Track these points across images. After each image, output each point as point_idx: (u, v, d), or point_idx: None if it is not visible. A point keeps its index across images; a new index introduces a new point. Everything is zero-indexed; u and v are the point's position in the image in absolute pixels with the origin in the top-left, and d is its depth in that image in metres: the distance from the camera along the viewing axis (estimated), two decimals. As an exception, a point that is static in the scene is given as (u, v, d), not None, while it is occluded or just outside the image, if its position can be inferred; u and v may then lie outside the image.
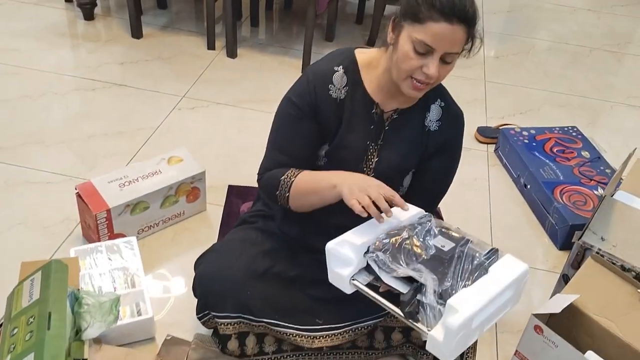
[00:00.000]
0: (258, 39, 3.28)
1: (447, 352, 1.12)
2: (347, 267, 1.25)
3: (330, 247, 1.26)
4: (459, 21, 1.21)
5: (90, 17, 3.21)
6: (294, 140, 1.41)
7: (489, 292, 1.15)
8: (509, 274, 1.20)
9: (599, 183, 2.23)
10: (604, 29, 3.88)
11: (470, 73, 3.16)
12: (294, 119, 1.39)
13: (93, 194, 1.82)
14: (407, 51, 1.25)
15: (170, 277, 1.84)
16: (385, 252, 1.22)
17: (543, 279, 1.98)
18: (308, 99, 1.37)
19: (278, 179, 1.38)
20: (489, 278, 1.18)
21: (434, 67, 1.24)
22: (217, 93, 2.74)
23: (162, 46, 3.06)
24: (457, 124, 1.49)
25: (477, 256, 1.21)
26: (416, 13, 1.22)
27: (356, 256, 1.24)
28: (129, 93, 2.67)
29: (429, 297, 1.14)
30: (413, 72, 1.26)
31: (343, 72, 1.38)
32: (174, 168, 1.96)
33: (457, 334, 1.09)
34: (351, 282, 1.26)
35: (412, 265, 1.19)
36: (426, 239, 1.26)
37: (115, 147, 2.33)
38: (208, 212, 2.08)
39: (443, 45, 1.23)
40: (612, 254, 1.61)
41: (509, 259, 1.24)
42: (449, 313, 1.10)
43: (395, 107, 1.41)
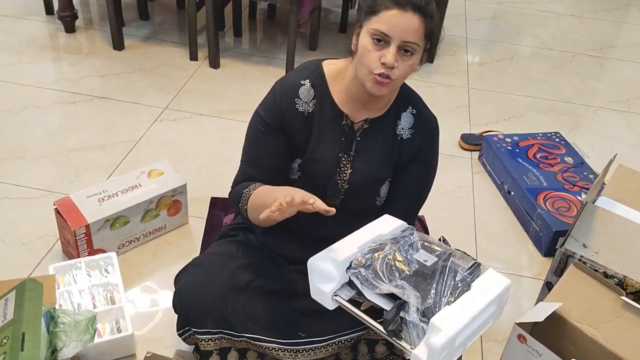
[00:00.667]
0: (241, 49, 3.27)
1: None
2: (329, 282, 1.24)
3: (312, 263, 1.25)
4: (412, 9, 1.24)
5: (71, 30, 3.19)
6: (262, 154, 1.42)
7: (472, 309, 1.14)
8: (492, 289, 1.19)
9: (582, 189, 2.23)
10: (587, 34, 3.91)
11: (454, 80, 3.16)
12: (262, 134, 1.41)
13: (72, 210, 1.80)
14: (365, 44, 1.27)
15: (152, 292, 1.81)
16: (367, 268, 1.21)
17: (528, 286, 1.97)
18: (275, 114, 1.39)
19: (241, 192, 1.41)
20: (471, 294, 1.17)
21: (390, 55, 1.24)
22: (200, 104, 2.73)
23: (144, 58, 3.04)
24: (430, 131, 1.48)
25: (460, 271, 1.20)
26: (372, 6, 1.26)
27: (338, 272, 1.23)
28: (110, 105, 2.65)
29: (412, 315, 1.14)
30: (373, 65, 1.26)
31: (310, 86, 1.39)
32: (154, 181, 1.94)
33: (441, 353, 1.08)
34: (333, 298, 1.25)
35: (394, 282, 1.18)
36: (409, 253, 1.25)
37: (97, 161, 2.31)
38: (190, 225, 2.06)
39: (397, 32, 1.24)
40: (594, 261, 1.61)
41: (491, 274, 1.23)
42: (432, 332, 1.09)
43: (365, 117, 1.41)
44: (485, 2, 4.23)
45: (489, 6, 4.18)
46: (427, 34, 1.28)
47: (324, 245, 1.51)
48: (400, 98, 1.40)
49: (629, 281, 1.58)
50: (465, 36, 3.68)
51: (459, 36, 3.67)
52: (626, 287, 1.58)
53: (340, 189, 1.45)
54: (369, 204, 1.50)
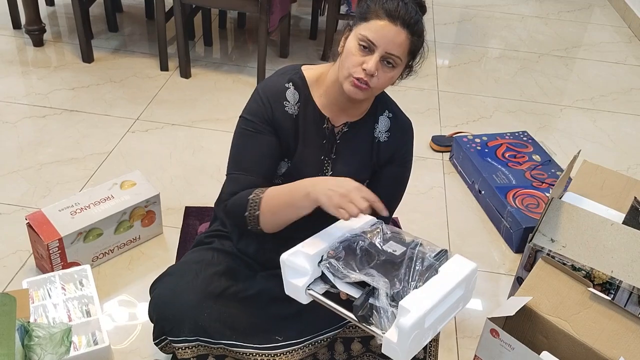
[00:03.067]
0: (212, 58, 3.28)
1: (402, 353, 1.13)
2: (302, 277, 1.25)
3: (284, 259, 1.26)
4: (402, 24, 1.27)
5: (39, 44, 3.16)
6: (256, 156, 1.38)
7: (440, 291, 1.17)
8: (458, 272, 1.22)
9: (550, 185, 2.28)
10: (552, 35, 3.99)
11: (424, 83, 3.21)
12: (252, 136, 1.38)
13: (44, 223, 1.79)
14: (351, 48, 1.30)
15: (127, 304, 1.81)
16: (338, 260, 1.23)
17: (501, 282, 2.01)
18: (265, 115, 1.38)
19: (245, 199, 1.34)
20: (439, 278, 1.20)
21: (372, 63, 1.28)
22: (172, 114, 2.73)
23: (114, 69, 3.04)
24: (405, 134, 1.52)
25: (427, 257, 1.23)
26: (365, 13, 1.30)
27: (311, 266, 1.25)
28: (81, 118, 2.64)
29: (381, 300, 1.16)
30: (354, 69, 1.29)
31: (294, 89, 1.40)
32: (127, 192, 1.94)
33: (411, 333, 1.10)
34: (307, 292, 1.26)
35: (364, 271, 1.21)
36: (378, 245, 1.27)
37: (68, 174, 2.30)
38: (165, 235, 2.06)
39: (383, 42, 1.27)
40: (562, 255, 1.65)
41: (458, 259, 1.27)
42: (402, 314, 1.11)
43: (345, 121, 1.44)
44: (453, 6, 4.29)
45: (456, 10, 4.25)
46: (411, 50, 1.32)
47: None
48: (377, 102, 1.44)
49: (596, 273, 1.62)
50: (434, 40, 3.74)
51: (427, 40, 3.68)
52: (594, 279, 1.62)
53: None
54: None
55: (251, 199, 1.33)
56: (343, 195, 1.21)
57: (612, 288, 1.61)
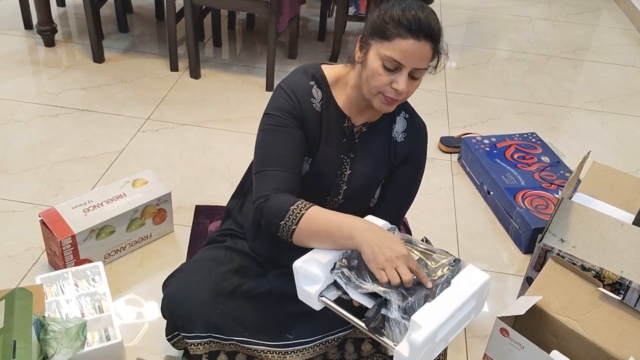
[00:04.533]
0: (221, 59, 3.30)
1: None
2: (314, 284, 1.26)
3: (297, 266, 1.27)
4: (425, 38, 1.25)
5: (51, 44, 3.19)
6: (289, 151, 1.35)
7: (452, 305, 1.17)
8: (471, 285, 1.22)
9: (559, 187, 2.28)
10: (560, 37, 3.99)
11: (432, 85, 3.22)
12: (282, 131, 1.35)
13: (57, 220, 1.81)
14: (376, 68, 1.28)
15: (139, 300, 1.83)
16: (351, 269, 1.24)
17: (510, 283, 2.02)
18: (293, 111, 1.37)
19: (286, 208, 1.27)
20: (451, 290, 1.20)
21: (403, 83, 1.28)
22: (182, 114, 2.75)
23: (124, 70, 3.06)
24: (421, 135, 1.53)
25: (440, 268, 1.24)
26: (384, 31, 1.26)
27: (323, 273, 1.25)
28: (92, 118, 2.66)
29: (393, 312, 1.16)
30: (383, 88, 1.30)
31: (317, 87, 1.41)
32: (139, 191, 1.95)
33: (422, 349, 1.11)
34: (319, 299, 1.27)
35: (377, 281, 1.21)
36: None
37: (80, 173, 2.32)
38: (175, 233, 2.08)
39: (411, 61, 1.26)
40: (572, 255, 1.65)
41: (470, 270, 1.26)
42: (413, 329, 1.12)
43: (364, 121, 1.46)
44: (461, 8, 4.30)
45: (465, 12, 4.26)
46: (435, 55, 1.32)
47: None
48: None
49: (606, 273, 1.63)
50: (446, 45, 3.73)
51: (435, 42, 3.72)
52: (603, 279, 1.63)
53: (339, 191, 1.49)
54: (365, 205, 1.54)
55: (292, 210, 1.27)
56: (390, 260, 1.18)
57: (622, 288, 1.62)
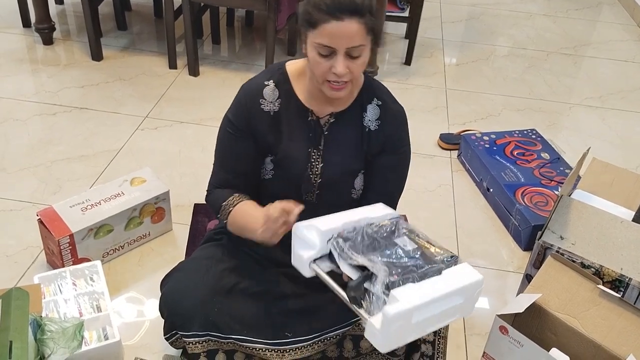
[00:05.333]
0: (220, 56, 3.29)
1: (382, 340, 1.12)
2: (309, 250, 1.25)
3: (296, 228, 1.26)
4: (349, 15, 1.23)
5: (49, 42, 3.18)
6: (233, 158, 1.47)
7: (435, 292, 1.15)
8: (460, 280, 1.20)
9: (559, 183, 2.27)
10: (560, 33, 3.98)
11: (432, 82, 3.21)
12: (232, 138, 1.46)
13: (55, 220, 1.80)
14: (313, 57, 1.30)
15: (138, 299, 1.82)
16: (345, 241, 1.23)
17: (510, 280, 2.01)
18: (242, 116, 1.43)
19: (220, 204, 1.46)
20: (439, 279, 1.19)
21: (340, 66, 1.27)
22: (180, 112, 2.74)
23: (123, 67, 3.05)
24: (396, 121, 1.48)
25: (435, 259, 1.22)
26: (309, 19, 1.27)
27: (320, 241, 1.23)
28: (90, 116, 2.65)
29: (376, 286, 1.14)
30: (325, 75, 1.30)
31: (274, 86, 1.42)
32: (137, 189, 1.95)
33: (394, 323, 1.09)
34: (311, 265, 1.25)
35: (368, 256, 1.20)
36: (390, 236, 1.26)
37: (79, 171, 2.31)
38: (174, 232, 2.07)
39: (341, 42, 1.25)
40: (571, 252, 1.65)
41: (465, 267, 1.24)
42: (390, 302, 1.10)
43: (330, 112, 1.44)
44: (460, 4, 4.29)
45: (464, 8, 4.24)
46: (369, 30, 1.28)
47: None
48: (364, 91, 1.43)
49: (606, 270, 1.62)
50: (442, 38, 3.73)
51: (435, 38, 3.72)
52: (603, 276, 1.62)
53: (314, 184, 1.48)
54: (345, 196, 1.52)
55: (223, 206, 1.45)
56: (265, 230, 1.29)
57: (621, 285, 1.61)
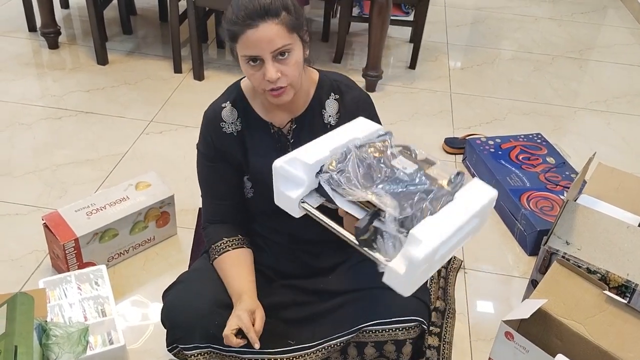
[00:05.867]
0: (225, 61, 3.30)
1: (407, 286, 1.01)
2: (296, 188, 1.11)
3: (278, 166, 1.12)
4: (261, 20, 1.22)
5: (54, 46, 3.20)
6: (216, 185, 1.48)
7: (456, 221, 1.03)
8: (477, 200, 1.08)
9: (564, 188, 2.27)
10: (565, 36, 3.97)
11: (436, 86, 3.21)
12: (209, 167, 1.46)
13: (60, 224, 1.80)
14: (246, 69, 1.29)
15: (142, 304, 1.82)
16: (340, 173, 1.09)
17: (515, 285, 2.00)
18: (209, 144, 1.45)
19: (210, 244, 1.48)
20: (455, 205, 1.06)
21: (270, 71, 1.25)
22: (185, 116, 2.74)
23: (128, 71, 3.06)
24: (357, 108, 1.44)
25: (442, 181, 1.10)
26: (230, 35, 1.26)
27: (308, 176, 1.10)
28: (96, 120, 2.66)
29: (388, 224, 1.01)
30: (262, 85, 1.29)
31: (231, 106, 1.42)
32: (142, 193, 1.95)
33: (420, 267, 0.98)
34: (300, 205, 1.12)
35: (370, 189, 1.06)
36: (386, 159, 1.13)
37: (84, 175, 2.32)
38: (179, 236, 2.07)
39: (262, 48, 1.23)
40: (577, 257, 1.64)
41: (476, 184, 1.12)
42: (412, 244, 0.98)
43: (289, 118, 1.43)
44: (465, 8, 4.29)
45: (469, 12, 4.24)
46: (291, 27, 1.25)
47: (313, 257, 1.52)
48: (319, 88, 1.41)
49: (612, 276, 1.61)
50: (447, 42, 3.73)
51: (440, 42, 3.72)
52: (609, 282, 1.61)
53: None
54: None
55: (212, 248, 1.46)
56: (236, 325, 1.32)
57: (627, 291, 1.60)
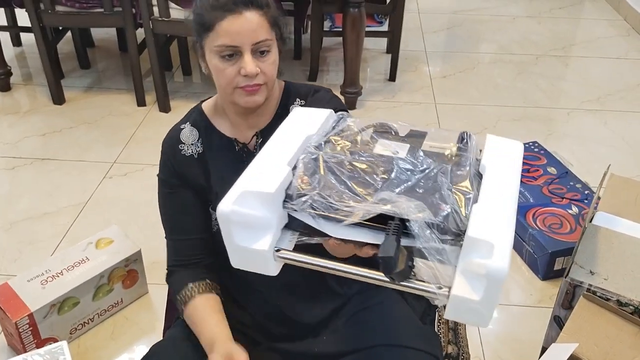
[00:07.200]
0: (192, 88, 3.08)
1: (486, 313, 0.73)
2: (263, 235, 0.78)
3: (228, 211, 0.77)
4: (245, 7, 1.12)
5: (6, 88, 2.96)
6: (178, 215, 1.30)
7: (508, 196, 0.79)
8: (512, 158, 0.87)
9: (571, 201, 2.07)
10: (546, 34, 3.81)
11: (419, 97, 3.01)
12: (170, 196, 1.29)
13: (11, 298, 1.57)
14: (216, 64, 1.15)
15: (113, 380, 1.59)
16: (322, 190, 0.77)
17: (532, 319, 1.79)
18: (170, 170, 1.28)
19: (175, 294, 1.29)
20: (492, 176, 0.82)
21: (250, 64, 1.13)
22: (152, 153, 2.50)
23: (87, 109, 2.83)
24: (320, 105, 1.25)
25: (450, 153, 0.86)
26: (203, 22, 1.14)
27: (274, 212, 0.78)
28: (53, 167, 2.43)
29: (423, 236, 0.74)
30: (234, 81, 1.15)
31: (191, 126, 1.28)
32: (103, 252, 1.72)
33: (502, 280, 0.70)
34: (277, 257, 0.80)
35: (374, 196, 0.76)
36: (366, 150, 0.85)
37: (41, 232, 2.08)
38: (150, 294, 1.84)
39: (243, 38, 1.12)
40: (604, 289, 1.44)
41: (494, 141, 0.92)
42: (478, 251, 0.71)
43: (254, 132, 1.27)
44: (440, 13, 4.12)
45: (444, 16, 4.07)
46: (272, 23, 1.17)
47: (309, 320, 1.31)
48: (284, 96, 1.29)
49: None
50: (425, 50, 3.55)
51: (418, 50, 3.53)
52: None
53: None
54: None
55: (178, 298, 1.28)
56: None
57: (665, 323, 1.40)
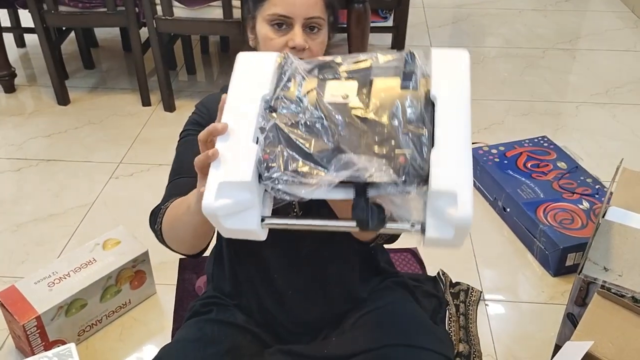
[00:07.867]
0: (196, 87, 3.06)
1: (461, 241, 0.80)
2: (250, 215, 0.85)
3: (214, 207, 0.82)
4: None
5: (11, 90, 2.95)
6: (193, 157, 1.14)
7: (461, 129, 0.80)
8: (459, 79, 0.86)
9: (582, 195, 2.05)
10: (553, 27, 3.78)
11: (426, 92, 2.99)
12: (192, 140, 1.16)
13: (18, 301, 1.56)
14: (266, 33, 1.14)
15: (122, 382, 1.58)
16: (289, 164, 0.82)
17: (544, 316, 1.76)
18: (200, 120, 1.24)
19: (158, 209, 1.17)
20: (443, 109, 0.82)
21: (299, 37, 1.12)
22: (157, 153, 2.50)
23: (92, 110, 2.82)
24: None
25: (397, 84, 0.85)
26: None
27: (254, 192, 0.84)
28: (59, 168, 2.41)
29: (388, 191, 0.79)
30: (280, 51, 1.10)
31: None
32: (110, 253, 1.71)
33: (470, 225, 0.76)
34: (263, 226, 0.87)
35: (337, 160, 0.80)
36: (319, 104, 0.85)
37: (48, 233, 2.07)
38: (158, 295, 1.83)
39: (298, 10, 1.11)
40: (619, 285, 1.41)
41: (439, 55, 0.89)
42: (442, 200, 0.76)
43: None
44: (445, 7, 4.08)
45: (449, 11, 4.04)
46: (328, 4, 1.16)
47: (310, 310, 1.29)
48: None
49: (662, 303, 1.39)
50: (430, 45, 3.52)
51: (423, 45, 3.50)
52: (660, 311, 1.39)
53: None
54: None
55: (162, 209, 1.15)
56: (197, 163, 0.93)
57: (682, 319, 1.38)
